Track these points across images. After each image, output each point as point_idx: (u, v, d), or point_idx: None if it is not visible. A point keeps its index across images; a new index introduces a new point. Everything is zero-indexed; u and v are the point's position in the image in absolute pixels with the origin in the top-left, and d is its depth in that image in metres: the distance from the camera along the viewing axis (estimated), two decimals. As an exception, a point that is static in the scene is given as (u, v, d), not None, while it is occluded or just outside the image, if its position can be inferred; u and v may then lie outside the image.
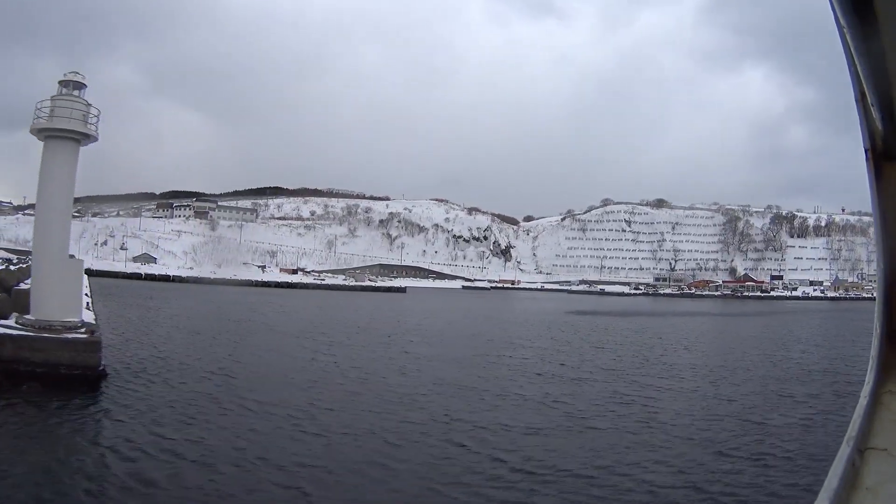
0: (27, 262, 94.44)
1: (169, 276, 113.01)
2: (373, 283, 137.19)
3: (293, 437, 14.49)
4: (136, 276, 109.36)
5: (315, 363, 25.70)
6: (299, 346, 30.94)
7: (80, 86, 23.28)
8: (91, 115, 22.89)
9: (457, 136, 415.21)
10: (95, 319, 26.18)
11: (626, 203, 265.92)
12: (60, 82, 23.20)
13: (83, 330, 21.48)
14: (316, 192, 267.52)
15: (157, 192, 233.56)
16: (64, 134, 22.22)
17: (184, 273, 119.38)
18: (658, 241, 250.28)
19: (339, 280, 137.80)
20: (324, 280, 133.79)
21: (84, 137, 22.69)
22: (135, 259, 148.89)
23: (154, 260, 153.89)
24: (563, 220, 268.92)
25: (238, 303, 63.91)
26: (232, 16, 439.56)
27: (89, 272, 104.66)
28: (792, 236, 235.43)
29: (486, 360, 27.92)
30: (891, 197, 2.10)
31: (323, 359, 26.94)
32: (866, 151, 2.11)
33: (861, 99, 2.02)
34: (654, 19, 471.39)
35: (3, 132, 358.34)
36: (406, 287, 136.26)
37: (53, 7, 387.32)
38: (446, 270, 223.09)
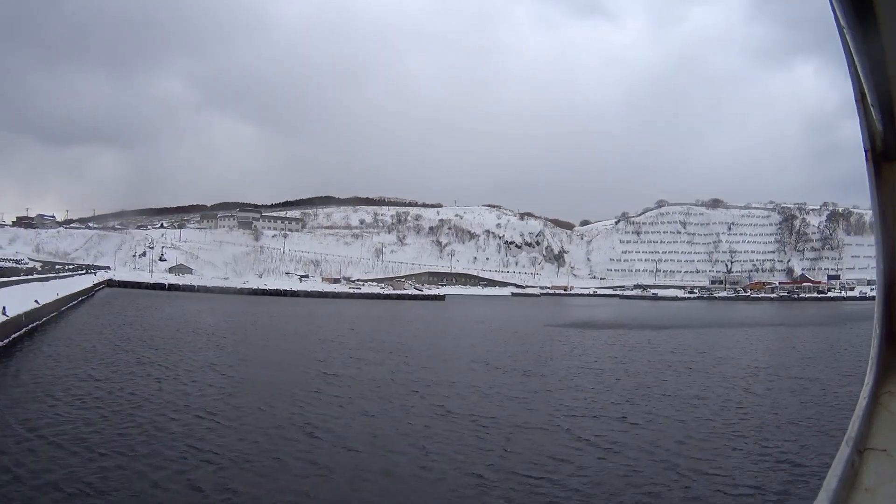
0: (48, 270, 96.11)
1: (193, 286, 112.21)
2: (410, 291, 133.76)
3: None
4: (159, 287, 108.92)
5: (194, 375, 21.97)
6: (203, 362, 26.54)
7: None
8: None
9: (509, 140, 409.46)
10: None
11: (681, 204, 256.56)
12: None
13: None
14: (367, 201, 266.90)
15: (209, 205, 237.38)
16: None
17: (210, 283, 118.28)
18: (714, 243, 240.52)
19: (375, 289, 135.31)
20: (360, 289, 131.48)
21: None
22: (170, 270, 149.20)
23: (190, 270, 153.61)
24: (617, 223, 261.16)
25: (231, 313, 60.77)
26: (279, 27, 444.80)
27: (111, 283, 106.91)
28: (849, 234, 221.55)
29: (405, 388, 22.08)
30: (890, 197, 2.09)
31: (205, 376, 22.86)
32: (866, 152, 2.10)
33: (861, 99, 2.01)
34: (704, 16, 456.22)
35: (54, 148, 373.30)
36: (445, 295, 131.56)
37: (103, 25, 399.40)
38: (497, 277, 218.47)
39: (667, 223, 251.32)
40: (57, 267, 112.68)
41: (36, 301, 37.22)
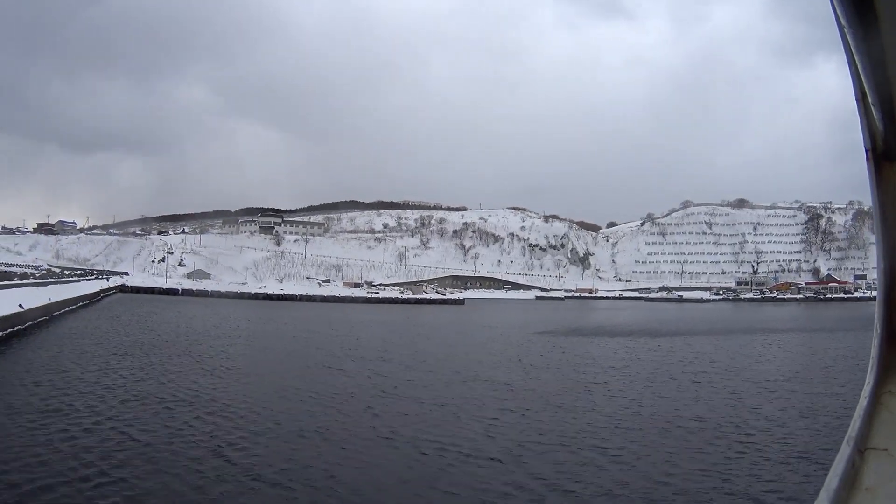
0: (62, 275, 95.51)
1: (207, 291, 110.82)
2: (429, 296, 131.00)
3: None
4: (172, 292, 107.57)
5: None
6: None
7: None
8: None
9: (533, 142, 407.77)
10: None
11: (707, 204, 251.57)
12: None
13: None
14: (391, 205, 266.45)
15: (233, 210, 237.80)
16: None
17: (225, 288, 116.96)
18: (740, 243, 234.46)
19: (395, 293, 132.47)
20: (378, 293, 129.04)
21: None
22: (188, 275, 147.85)
23: (208, 276, 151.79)
24: (642, 224, 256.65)
25: (230, 318, 58.72)
26: (301, 31, 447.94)
27: (124, 288, 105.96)
28: (875, 233, 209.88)
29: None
30: (890, 197, 2.08)
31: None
32: (867, 151, 2.09)
33: (862, 99, 2.00)
34: (725, 15, 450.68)
35: (77, 155, 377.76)
36: (464, 299, 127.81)
37: (127, 33, 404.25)
38: (522, 280, 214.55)
39: (692, 224, 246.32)
40: (66, 272, 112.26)
41: (20, 305, 36.21)
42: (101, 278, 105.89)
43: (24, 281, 56.36)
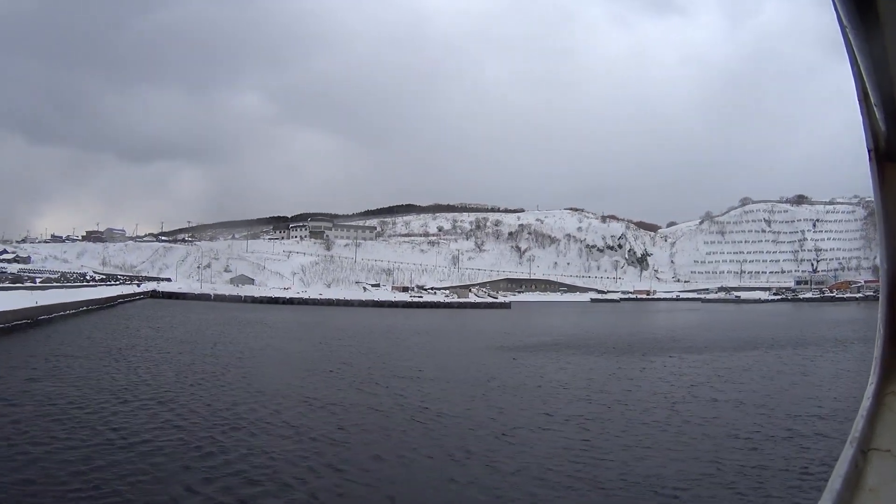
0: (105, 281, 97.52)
1: (240, 296, 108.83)
2: (474, 300, 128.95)
3: None
4: (205, 297, 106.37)
5: None
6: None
7: None
8: None
9: (590, 142, 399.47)
10: None
11: (766, 201, 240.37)
12: None
13: None
14: (448, 208, 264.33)
15: (290, 216, 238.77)
16: None
17: (259, 294, 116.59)
18: (799, 241, 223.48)
19: (439, 297, 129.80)
20: (421, 297, 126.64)
21: None
22: (231, 280, 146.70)
23: (252, 281, 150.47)
24: (700, 223, 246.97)
25: (231, 322, 56.26)
26: (355, 37, 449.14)
27: (155, 294, 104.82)
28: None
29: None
30: (893, 198, 2.11)
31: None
32: (869, 152, 2.10)
33: (864, 99, 1.99)
34: (776, 8, 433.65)
35: (134, 165, 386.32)
36: (511, 303, 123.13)
37: (178, 43, 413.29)
38: (578, 282, 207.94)
39: (751, 222, 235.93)
40: (87, 277, 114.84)
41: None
42: (130, 283, 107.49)
43: (16, 285, 57.17)
